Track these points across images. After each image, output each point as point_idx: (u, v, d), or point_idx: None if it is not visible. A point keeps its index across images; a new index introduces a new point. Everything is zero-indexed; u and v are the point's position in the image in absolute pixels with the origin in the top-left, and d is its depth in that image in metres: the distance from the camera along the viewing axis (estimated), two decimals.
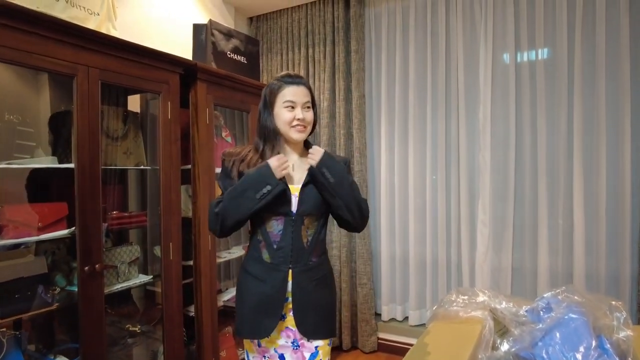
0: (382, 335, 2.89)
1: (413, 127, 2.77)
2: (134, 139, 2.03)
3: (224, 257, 2.49)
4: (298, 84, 1.30)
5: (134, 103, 2.19)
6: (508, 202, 2.51)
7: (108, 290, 1.78)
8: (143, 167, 2.07)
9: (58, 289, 1.72)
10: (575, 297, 1.11)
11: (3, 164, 1.53)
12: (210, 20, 2.41)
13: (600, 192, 2.25)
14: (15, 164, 1.57)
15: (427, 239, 2.76)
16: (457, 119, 2.65)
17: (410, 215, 2.80)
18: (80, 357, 1.62)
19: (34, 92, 1.81)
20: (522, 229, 2.51)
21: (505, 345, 1.13)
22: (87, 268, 1.61)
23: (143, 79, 1.87)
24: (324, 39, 2.94)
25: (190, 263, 2.17)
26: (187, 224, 2.15)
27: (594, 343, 0.98)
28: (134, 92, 2.09)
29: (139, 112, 2.18)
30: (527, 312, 1.20)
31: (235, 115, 2.82)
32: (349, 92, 2.89)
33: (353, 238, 2.87)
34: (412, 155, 2.78)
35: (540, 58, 2.42)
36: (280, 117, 1.29)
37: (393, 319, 2.92)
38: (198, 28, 2.42)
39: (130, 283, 1.94)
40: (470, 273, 2.64)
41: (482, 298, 1.32)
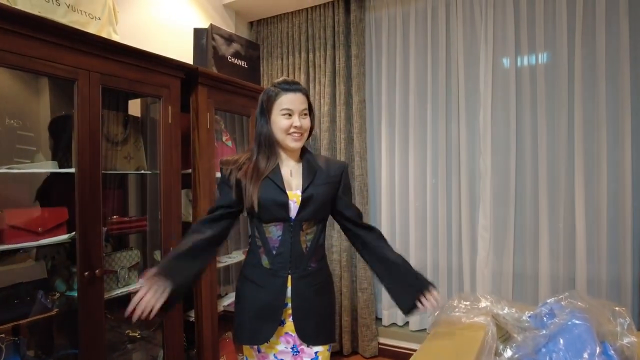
0: (382, 340, 2.88)
1: (413, 131, 2.77)
2: (135, 144, 2.03)
3: (224, 261, 2.48)
4: (295, 91, 1.30)
5: (135, 107, 2.19)
6: (509, 206, 2.51)
7: (108, 296, 1.77)
8: (143, 171, 2.06)
9: (58, 294, 1.70)
10: (579, 302, 1.10)
11: (3, 169, 1.53)
12: (211, 25, 2.41)
13: (601, 196, 2.25)
14: (16, 169, 1.57)
15: (427, 244, 2.75)
16: (457, 123, 2.65)
17: (411, 220, 2.79)
18: None
19: (34, 96, 1.81)
20: (523, 234, 2.50)
21: (509, 352, 1.13)
22: (87, 273, 1.60)
23: (144, 83, 1.87)
24: (325, 44, 2.94)
25: None
26: (187, 229, 2.14)
27: (598, 349, 0.98)
28: (135, 96, 2.09)
29: (140, 116, 2.18)
30: (530, 317, 1.20)
31: (236, 120, 2.82)
32: (350, 96, 2.89)
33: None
34: (412, 160, 2.78)
35: (541, 62, 2.42)
36: (277, 124, 1.29)
37: (394, 324, 2.90)
38: (199, 32, 2.43)
39: (131, 288, 1.93)
40: (472, 278, 2.63)
41: (484, 304, 1.31)
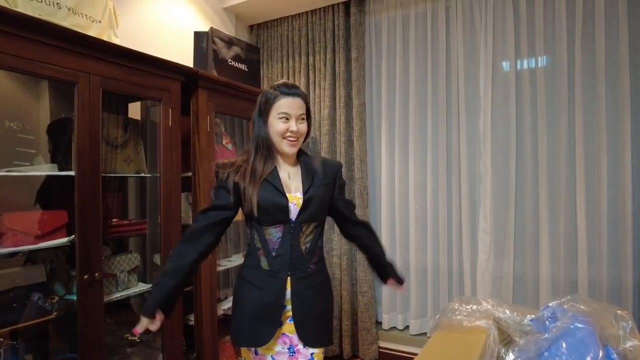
0: (382, 344, 2.86)
1: (413, 134, 2.77)
2: (135, 147, 2.03)
3: (224, 265, 2.47)
4: (294, 96, 1.30)
5: (135, 110, 2.19)
6: (509, 209, 2.50)
7: (107, 299, 1.77)
8: (143, 174, 2.06)
9: (57, 298, 1.70)
10: (581, 306, 1.10)
11: (3, 172, 1.52)
12: (212, 28, 2.42)
13: (602, 198, 2.24)
14: (15, 172, 1.56)
15: (428, 247, 2.74)
16: (457, 126, 2.65)
17: (411, 223, 2.78)
18: None
19: (34, 99, 1.80)
20: (523, 237, 2.49)
21: (511, 355, 1.12)
22: (86, 277, 1.59)
23: (144, 87, 1.87)
24: (325, 47, 2.95)
25: None
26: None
27: (601, 353, 0.97)
28: (135, 99, 2.09)
29: (140, 119, 2.18)
30: (531, 321, 1.19)
31: (236, 123, 2.82)
32: (350, 99, 2.89)
33: (353, 246, 2.84)
34: (412, 163, 2.78)
35: (541, 65, 2.42)
36: (274, 127, 1.29)
37: (394, 328, 2.89)
38: (199, 36, 2.43)
39: (130, 292, 1.92)
40: (472, 281, 2.62)
41: (485, 307, 1.30)
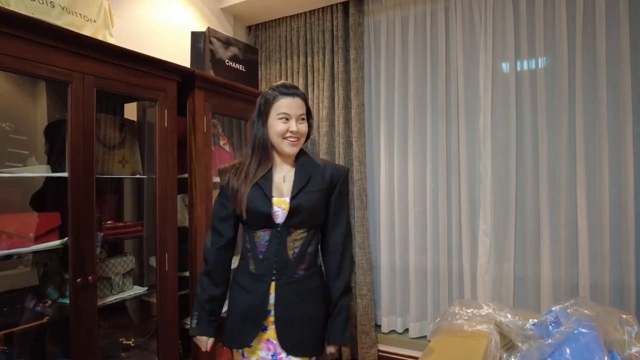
0: (382, 348, 2.83)
1: (413, 135, 2.75)
2: (130, 148, 2.00)
3: None
4: (294, 96, 1.29)
5: (131, 111, 2.16)
6: (509, 211, 2.48)
7: (101, 303, 1.74)
8: (139, 176, 2.03)
9: (50, 302, 1.67)
10: (585, 310, 1.07)
11: None
12: (209, 28, 2.39)
13: (603, 200, 2.22)
14: (7, 173, 1.54)
15: (427, 249, 2.71)
16: (457, 127, 2.63)
17: (411, 225, 2.76)
18: None
19: (29, 99, 1.78)
20: (524, 239, 2.47)
21: None
22: (79, 280, 1.56)
23: (139, 87, 1.85)
24: (323, 48, 2.92)
25: (187, 274, 2.12)
26: (183, 234, 2.11)
27: (606, 359, 0.94)
28: (131, 99, 2.06)
29: (136, 120, 2.15)
30: (534, 326, 1.16)
31: (234, 124, 2.79)
32: (348, 100, 2.87)
33: (352, 248, 2.81)
34: (412, 164, 2.75)
35: (541, 66, 2.40)
36: (274, 128, 1.28)
37: (393, 331, 2.86)
38: (196, 36, 2.40)
39: (125, 295, 1.89)
40: (472, 283, 2.59)
41: (486, 311, 1.28)
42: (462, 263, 2.62)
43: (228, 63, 2.48)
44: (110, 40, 1.88)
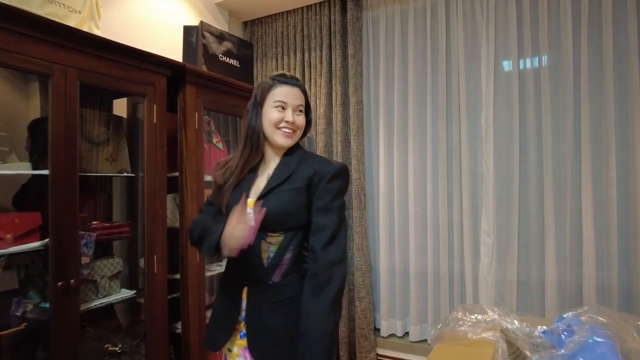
0: (381, 352, 2.75)
1: (413, 133, 2.67)
2: (118, 145, 1.92)
3: (214, 270, 2.35)
4: (292, 85, 1.20)
5: (121, 107, 2.08)
6: (513, 211, 2.39)
7: (85, 307, 1.65)
8: (127, 174, 1.95)
9: (31, 306, 1.58)
10: (600, 317, 0.99)
11: None
12: (202, 22, 2.32)
13: (611, 200, 2.14)
14: None
15: (428, 250, 2.63)
16: (458, 125, 2.55)
17: (411, 225, 2.67)
18: None
19: (17, 95, 1.71)
20: (527, 240, 2.38)
21: None
22: (60, 283, 1.48)
23: (126, 81, 1.77)
24: (321, 43, 2.85)
25: (177, 276, 2.04)
26: (174, 235, 2.03)
27: None
28: (118, 94, 1.98)
29: (126, 116, 2.07)
30: (544, 333, 1.08)
31: (229, 121, 2.71)
32: (346, 97, 2.79)
33: (350, 249, 2.74)
34: (411, 163, 2.67)
35: (545, 63, 2.32)
36: (268, 116, 1.19)
37: (392, 335, 2.78)
38: (189, 30, 2.33)
39: (111, 299, 1.81)
40: (474, 286, 2.51)
41: (491, 316, 1.20)
42: (463, 264, 2.54)
43: (222, 58, 2.40)
44: (97, 33, 1.79)
